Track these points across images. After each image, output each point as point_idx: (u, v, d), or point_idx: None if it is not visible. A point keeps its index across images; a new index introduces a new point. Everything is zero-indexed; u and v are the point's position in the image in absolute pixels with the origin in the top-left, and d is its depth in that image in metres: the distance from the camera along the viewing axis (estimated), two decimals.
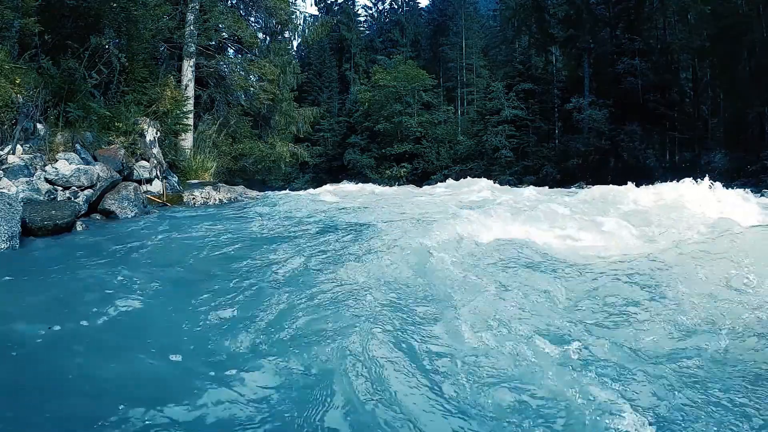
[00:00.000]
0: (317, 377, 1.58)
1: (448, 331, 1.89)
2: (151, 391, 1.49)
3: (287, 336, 1.91)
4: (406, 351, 1.71)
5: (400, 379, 1.51)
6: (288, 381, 1.57)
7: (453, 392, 1.47)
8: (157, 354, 1.77)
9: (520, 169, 27.42)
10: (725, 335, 1.78)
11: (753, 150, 18.02)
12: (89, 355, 1.75)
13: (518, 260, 2.88)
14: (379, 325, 1.88)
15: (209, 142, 12.04)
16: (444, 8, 45.81)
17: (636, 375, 1.52)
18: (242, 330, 1.97)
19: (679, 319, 1.94)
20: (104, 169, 5.49)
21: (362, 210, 6.20)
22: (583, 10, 26.90)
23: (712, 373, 1.56)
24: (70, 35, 6.55)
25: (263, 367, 1.65)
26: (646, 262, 2.59)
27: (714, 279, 2.22)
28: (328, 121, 40.28)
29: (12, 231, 3.44)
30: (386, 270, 2.72)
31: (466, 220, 3.73)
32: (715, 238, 2.59)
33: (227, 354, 1.77)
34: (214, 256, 3.43)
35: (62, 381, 1.56)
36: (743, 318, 1.91)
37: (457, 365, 1.62)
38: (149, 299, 2.38)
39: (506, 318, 1.96)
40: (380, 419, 1.33)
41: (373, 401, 1.40)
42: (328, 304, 2.23)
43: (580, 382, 1.46)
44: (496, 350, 1.71)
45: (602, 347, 1.72)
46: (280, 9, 14.82)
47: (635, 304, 2.14)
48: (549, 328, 1.91)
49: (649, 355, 1.69)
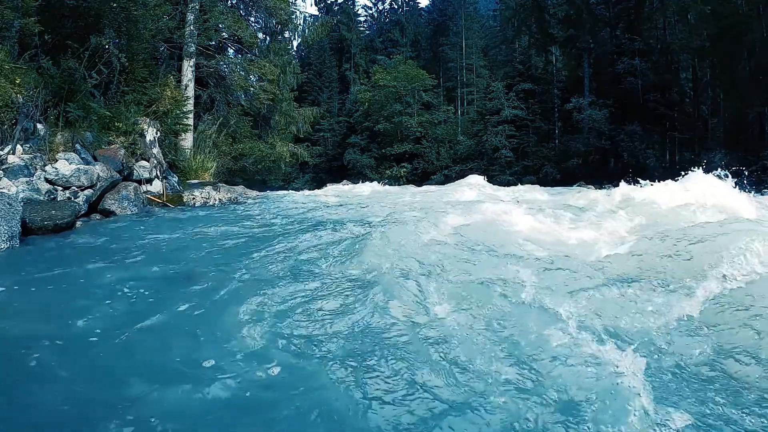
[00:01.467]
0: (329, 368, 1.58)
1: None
2: (149, 392, 1.49)
3: (288, 335, 1.91)
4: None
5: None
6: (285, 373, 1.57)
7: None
8: (155, 354, 1.77)
9: (520, 169, 27.43)
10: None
11: (753, 150, 18.03)
12: (88, 355, 1.75)
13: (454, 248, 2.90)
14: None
15: (209, 142, 12.05)
16: (444, 8, 45.82)
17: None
18: (243, 330, 1.97)
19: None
20: (104, 169, 5.49)
21: (353, 209, 6.28)
22: (583, 10, 26.91)
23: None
24: (70, 35, 6.55)
25: (266, 365, 1.65)
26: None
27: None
28: (328, 121, 40.29)
29: (12, 231, 3.44)
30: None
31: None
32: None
33: (227, 354, 1.77)
34: (213, 255, 3.43)
35: (60, 380, 1.56)
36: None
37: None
38: (149, 299, 2.38)
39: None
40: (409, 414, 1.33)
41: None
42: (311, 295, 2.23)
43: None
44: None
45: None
46: (280, 9, 14.84)
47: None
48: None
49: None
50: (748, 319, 1.76)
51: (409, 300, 2.19)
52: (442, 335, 1.83)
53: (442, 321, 1.96)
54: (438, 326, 1.91)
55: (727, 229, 2.41)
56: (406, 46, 46.74)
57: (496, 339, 1.78)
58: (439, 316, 2.01)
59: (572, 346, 1.65)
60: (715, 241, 2.33)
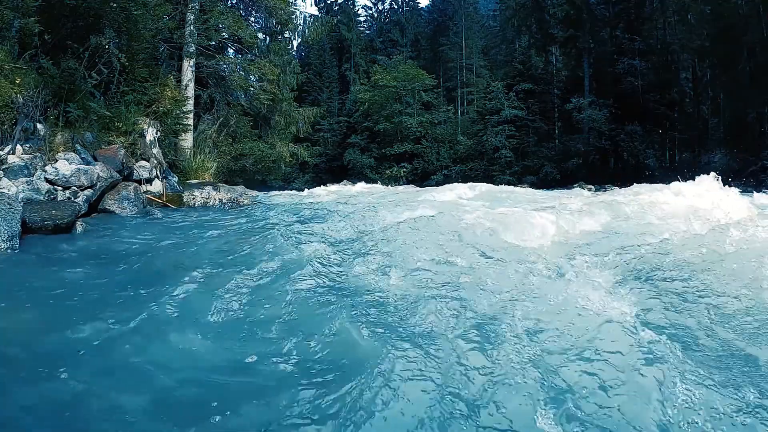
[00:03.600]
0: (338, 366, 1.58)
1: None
2: (149, 392, 1.49)
3: (290, 337, 1.91)
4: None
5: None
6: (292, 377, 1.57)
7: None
8: (154, 353, 1.78)
9: (520, 169, 27.41)
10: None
11: (753, 150, 18.00)
12: (87, 355, 1.75)
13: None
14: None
15: (209, 142, 12.05)
16: (444, 8, 45.78)
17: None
18: (244, 330, 1.97)
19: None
20: (104, 169, 5.49)
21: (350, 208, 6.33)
22: (583, 10, 26.89)
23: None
24: (70, 35, 6.54)
25: (270, 369, 1.65)
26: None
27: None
28: (328, 121, 40.24)
29: (12, 231, 3.44)
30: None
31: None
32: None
33: (226, 355, 1.77)
34: (212, 255, 3.43)
35: (57, 380, 1.56)
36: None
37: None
38: (148, 299, 2.38)
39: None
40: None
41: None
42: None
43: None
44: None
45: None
46: (280, 9, 14.82)
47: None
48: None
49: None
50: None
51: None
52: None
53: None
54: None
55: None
56: (406, 46, 46.70)
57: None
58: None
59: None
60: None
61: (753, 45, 18.84)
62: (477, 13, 44.64)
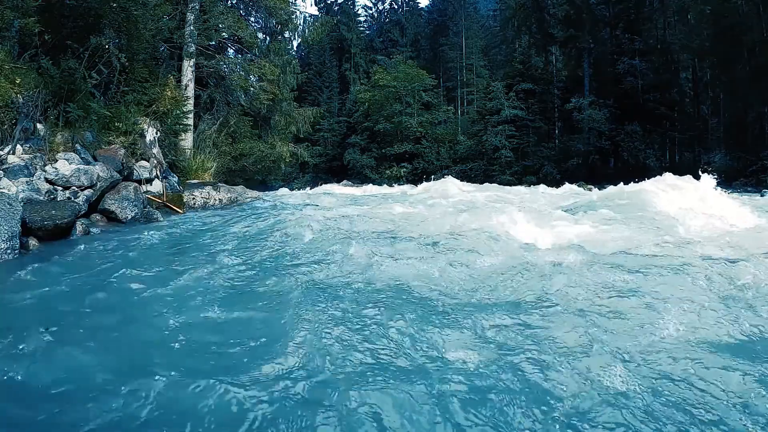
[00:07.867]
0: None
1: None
2: (147, 393, 1.49)
3: (292, 342, 1.91)
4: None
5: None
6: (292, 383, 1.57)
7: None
8: (153, 353, 1.78)
9: (520, 169, 27.40)
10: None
11: (753, 150, 18.00)
12: (86, 356, 1.75)
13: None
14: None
15: (209, 142, 12.04)
16: (444, 8, 45.81)
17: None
18: (246, 331, 1.97)
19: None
20: (104, 169, 5.49)
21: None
22: (583, 10, 26.90)
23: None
24: (70, 35, 6.54)
25: (273, 375, 1.65)
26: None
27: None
28: (328, 121, 40.25)
29: (12, 231, 3.44)
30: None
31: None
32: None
33: (226, 356, 1.77)
34: (211, 255, 3.43)
35: (56, 380, 1.56)
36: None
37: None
38: (148, 299, 2.38)
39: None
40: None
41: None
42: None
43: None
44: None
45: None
46: (280, 9, 14.82)
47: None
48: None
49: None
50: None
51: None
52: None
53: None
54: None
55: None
56: (406, 46, 46.69)
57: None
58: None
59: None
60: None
61: (753, 45, 18.83)
62: (477, 13, 44.68)
